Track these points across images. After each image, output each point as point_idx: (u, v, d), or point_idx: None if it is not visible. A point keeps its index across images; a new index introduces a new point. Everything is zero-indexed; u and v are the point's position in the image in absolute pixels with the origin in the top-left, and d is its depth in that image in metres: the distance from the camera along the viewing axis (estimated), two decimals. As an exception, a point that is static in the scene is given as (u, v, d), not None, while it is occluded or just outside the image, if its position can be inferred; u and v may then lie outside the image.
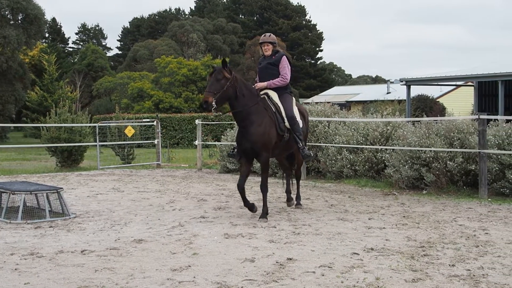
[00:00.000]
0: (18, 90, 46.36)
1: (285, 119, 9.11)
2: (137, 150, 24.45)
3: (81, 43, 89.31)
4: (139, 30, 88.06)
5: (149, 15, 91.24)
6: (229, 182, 14.43)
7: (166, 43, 68.61)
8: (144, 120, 25.77)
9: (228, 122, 25.81)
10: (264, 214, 8.92)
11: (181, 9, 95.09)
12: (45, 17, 50.30)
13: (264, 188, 9.01)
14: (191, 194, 12.23)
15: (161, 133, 21.47)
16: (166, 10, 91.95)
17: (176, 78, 47.99)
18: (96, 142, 19.37)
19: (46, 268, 6.15)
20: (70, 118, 19.27)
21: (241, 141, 8.93)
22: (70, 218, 9.24)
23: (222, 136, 18.35)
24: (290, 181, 10.22)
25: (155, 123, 21.05)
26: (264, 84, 9.37)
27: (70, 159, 18.97)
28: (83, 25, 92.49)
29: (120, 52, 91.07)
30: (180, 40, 70.07)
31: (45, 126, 19.18)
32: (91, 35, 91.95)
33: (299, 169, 10.52)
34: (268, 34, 9.69)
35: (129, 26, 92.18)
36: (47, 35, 76.60)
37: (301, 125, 9.37)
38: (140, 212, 9.75)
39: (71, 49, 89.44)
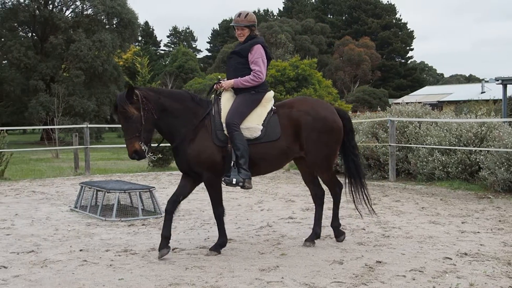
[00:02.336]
0: (113, 92, 47.99)
1: (224, 125, 6.71)
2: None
3: (172, 46, 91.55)
4: (228, 32, 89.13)
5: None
6: (317, 183, 14.33)
7: (255, 45, 69.05)
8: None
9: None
10: (217, 246, 6.86)
11: (269, 10, 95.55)
12: (138, 21, 51.90)
13: (215, 212, 6.93)
14: (279, 194, 12.26)
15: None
16: (254, 11, 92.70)
17: (264, 79, 48.20)
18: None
19: (139, 264, 6.32)
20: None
21: (177, 161, 7.04)
22: (161, 216, 9.45)
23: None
24: (321, 212, 7.59)
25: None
26: (231, 82, 6.94)
27: (161, 159, 19.44)
28: (174, 28, 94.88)
29: (209, 54, 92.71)
30: (268, 41, 70.41)
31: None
32: (182, 37, 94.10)
33: (332, 189, 7.44)
34: (243, 13, 7.15)
35: (218, 28, 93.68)
36: (140, 38, 78.96)
37: (256, 134, 6.76)
38: (229, 212, 9.85)
39: (162, 52, 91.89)
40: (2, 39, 47.31)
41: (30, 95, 44.61)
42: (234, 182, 6.53)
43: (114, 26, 49.52)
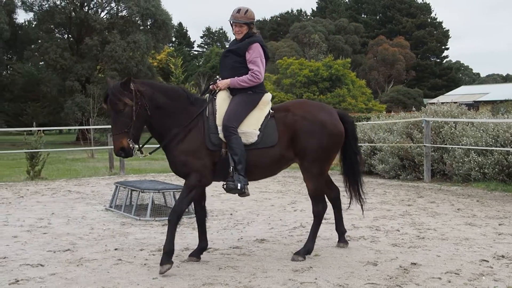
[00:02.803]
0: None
1: (219, 128, 6.23)
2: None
3: (206, 46, 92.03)
4: (261, 32, 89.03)
5: (271, 17, 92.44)
6: (350, 184, 14.23)
7: (288, 45, 69.14)
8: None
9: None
10: (164, 259, 5.96)
11: (302, 10, 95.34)
12: (172, 22, 52.26)
13: (173, 216, 6.07)
14: (312, 195, 12.19)
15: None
16: (288, 11, 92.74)
17: (297, 79, 48.19)
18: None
19: (172, 264, 6.35)
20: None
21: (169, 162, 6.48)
22: (194, 216, 9.49)
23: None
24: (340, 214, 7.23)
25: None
26: (227, 82, 6.48)
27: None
28: (208, 29, 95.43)
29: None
30: (301, 41, 70.34)
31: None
32: (215, 38, 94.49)
33: (316, 205, 6.68)
34: (243, 9, 6.62)
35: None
36: (174, 39, 79.58)
37: (252, 139, 6.27)
38: (262, 212, 9.86)
39: (196, 52, 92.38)
40: (39, 41, 48.14)
41: (66, 96, 45.29)
42: (239, 187, 6.10)
43: (148, 27, 49.95)
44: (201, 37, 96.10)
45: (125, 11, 49.69)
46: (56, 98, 46.33)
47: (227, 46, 9.68)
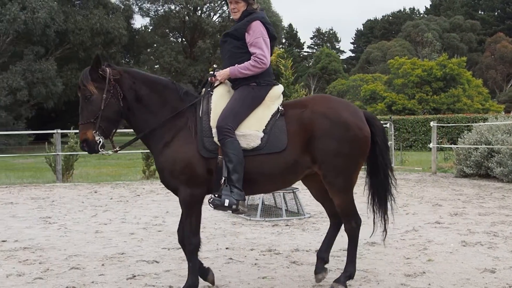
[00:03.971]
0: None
1: (214, 130, 5.18)
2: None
3: (316, 47, 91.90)
4: (372, 32, 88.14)
5: (382, 16, 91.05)
6: (466, 187, 13.73)
7: (400, 44, 67.79)
8: (377, 122, 25.64)
9: (465, 124, 24.61)
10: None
11: (415, 9, 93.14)
12: (282, 23, 52.69)
13: (188, 242, 5.33)
14: (425, 198, 11.87)
15: (394, 135, 21.18)
16: (400, 10, 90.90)
17: (409, 79, 47.11)
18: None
19: (282, 264, 6.38)
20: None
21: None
22: (304, 217, 9.50)
23: (459, 139, 17.52)
24: (333, 237, 6.02)
25: (388, 125, 20.85)
26: (226, 72, 5.42)
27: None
28: (318, 30, 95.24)
29: (353, 55, 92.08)
30: (414, 40, 68.73)
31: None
32: (325, 39, 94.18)
33: (347, 222, 5.62)
34: None
35: (362, 28, 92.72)
36: (284, 40, 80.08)
37: (254, 143, 5.18)
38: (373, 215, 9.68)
39: (306, 53, 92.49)
40: (155, 45, 50.03)
41: (180, 97, 46.67)
42: (226, 204, 5.02)
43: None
44: (311, 38, 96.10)
45: (236, 14, 50.56)
46: (171, 100, 47.83)
47: (337, 46, 9.40)
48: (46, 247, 7.42)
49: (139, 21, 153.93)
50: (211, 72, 5.51)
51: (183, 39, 52.69)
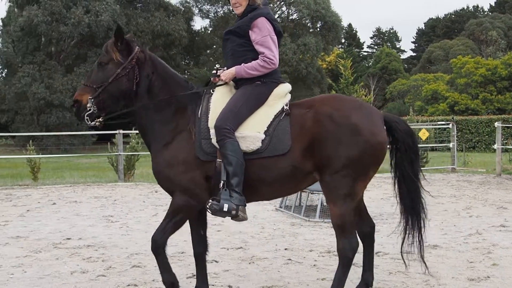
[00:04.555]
0: (316, 94, 48.81)
1: (212, 132, 4.81)
2: (431, 153, 23.91)
3: (376, 47, 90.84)
4: (434, 31, 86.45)
5: (444, 14, 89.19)
6: (532, 190, 13.30)
7: (463, 43, 66.29)
8: (438, 122, 25.20)
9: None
10: None
11: (479, 7, 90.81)
12: (342, 23, 52.29)
13: (154, 249, 4.94)
14: (489, 200, 11.56)
15: (456, 136, 20.74)
16: (463, 8, 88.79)
17: (473, 78, 46.04)
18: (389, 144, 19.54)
19: None
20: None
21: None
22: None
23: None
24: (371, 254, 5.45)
25: (450, 125, 20.42)
26: (232, 72, 5.03)
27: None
28: (378, 29, 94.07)
29: (414, 54, 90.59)
30: (477, 39, 67.07)
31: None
32: (385, 38, 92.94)
33: (340, 240, 4.92)
34: None
35: (423, 27, 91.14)
36: (343, 40, 79.50)
37: (254, 145, 4.75)
38: (434, 217, 9.49)
39: (365, 53, 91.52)
40: (214, 46, 50.51)
41: (239, 98, 47.04)
42: (225, 209, 4.62)
43: (318, 29, 50.44)
44: (371, 38, 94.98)
45: (295, 14, 50.64)
46: (229, 101, 48.26)
47: (398, 46, 9.15)
48: (108, 245, 7.58)
49: (199, 23, 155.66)
50: (214, 72, 5.14)
51: (242, 40, 52.94)
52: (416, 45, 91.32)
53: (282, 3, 50.16)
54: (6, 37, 46.26)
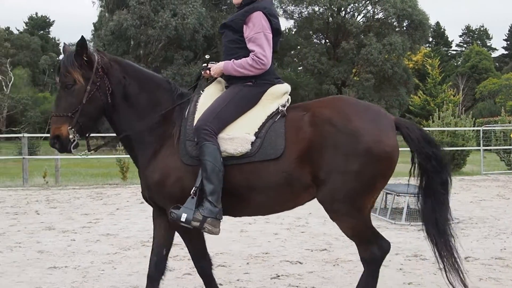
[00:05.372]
0: (402, 94, 48.00)
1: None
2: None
3: (465, 45, 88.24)
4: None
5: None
6: None
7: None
8: (532, 123, 24.16)
9: None
10: None
11: None
12: (429, 22, 51.06)
13: (197, 266, 4.81)
14: None
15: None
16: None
17: None
18: (479, 146, 18.93)
19: (429, 271, 6.16)
20: (453, 122, 19.19)
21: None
22: (453, 222, 9.09)
23: None
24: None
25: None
26: (220, 66, 4.56)
27: (452, 163, 18.83)
28: (467, 27, 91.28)
29: (506, 52, 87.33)
30: None
31: (428, 130, 19.43)
32: (475, 36, 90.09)
33: (365, 247, 4.40)
34: None
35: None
36: (430, 39, 77.64)
37: (243, 148, 4.24)
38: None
39: (454, 52, 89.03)
40: (298, 47, 50.49)
41: (322, 99, 46.92)
42: (182, 220, 4.09)
43: (404, 28, 49.50)
44: (460, 36, 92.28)
45: (381, 13, 49.88)
46: (313, 102, 48.20)
47: (488, 44, 8.79)
48: (194, 244, 7.70)
49: (283, 24, 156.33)
50: (205, 65, 4.69)
51: (327, 40, 52.69)
52: (508, 43, 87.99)
53: (368, 2, 49.49)
54: (98, 41, 47.92)
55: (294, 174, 4.19)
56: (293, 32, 54.13)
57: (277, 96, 4.48)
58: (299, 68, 53.80)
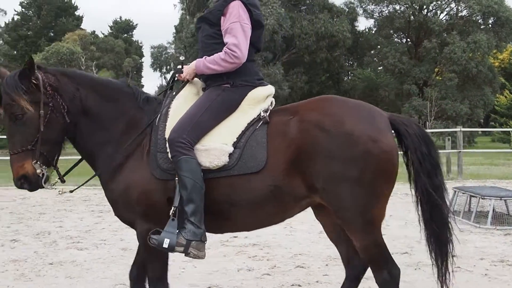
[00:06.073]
0: (487, 94, 46.44)
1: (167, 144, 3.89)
2: None
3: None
4: None
5: None
6: None
7: None
8: None
9: None
10: None
11: None
12: (516, 18, 49.24)
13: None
14: None
15: None
16: None
17: None
18: None
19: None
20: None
21: None
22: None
23: None
24: None
25: None
26: (192, 66, 4.14)
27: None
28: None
29: None
30: None
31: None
32: None
33: (377, 272, 4.08)
34: None
35: None
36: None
37: (220, 160, 3.85)
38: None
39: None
40: (379, 46, 49.80)
41: (403, 99, 46.07)
42: (165, 245, 3.74)
43: (490, 25, 47.92)
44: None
45: (465, 10, 48.46)
46: (394, 102, 47.37)
47: None
48: (273, 245, 7.74)
49: (363, 23, 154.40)
50: (179, 67, 4.25)
51: (408, 40, 51.69)
52: None
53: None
54: (179, 43, 48.84)
55: (284, 188, 3.82)
56: (373, 32, 53.42)
57: (259, 100, 4.06)
58: (379, 68, 53.02)
